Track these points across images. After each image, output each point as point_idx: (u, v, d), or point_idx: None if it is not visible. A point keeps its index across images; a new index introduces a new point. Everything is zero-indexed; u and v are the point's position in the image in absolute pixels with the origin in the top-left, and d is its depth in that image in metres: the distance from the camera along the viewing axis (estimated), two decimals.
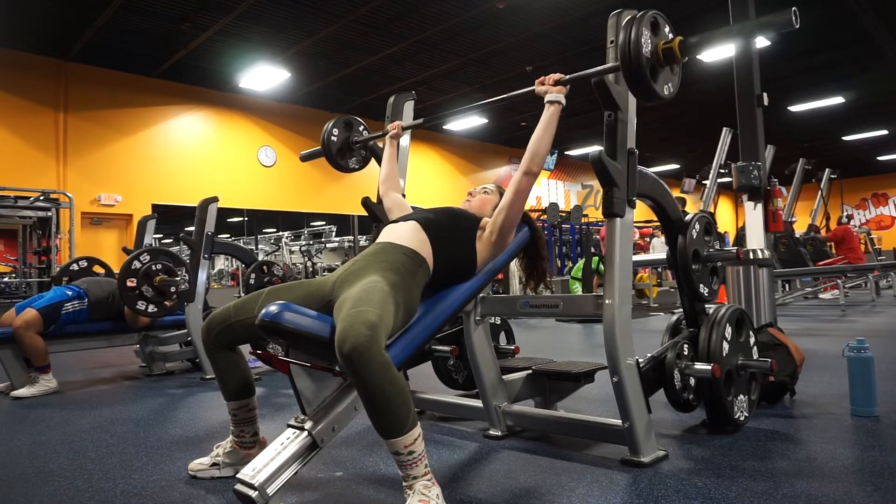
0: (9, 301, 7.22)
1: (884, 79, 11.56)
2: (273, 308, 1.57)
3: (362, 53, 9.87)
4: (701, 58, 10.44)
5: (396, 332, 1.73)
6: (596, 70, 1.89)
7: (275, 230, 12.57)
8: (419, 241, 1.92)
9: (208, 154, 11.26)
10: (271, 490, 1.49)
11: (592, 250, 9.37)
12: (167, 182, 10.57)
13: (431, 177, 14.34)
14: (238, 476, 1.53)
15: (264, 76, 10.49)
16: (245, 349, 1.93)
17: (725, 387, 2.20)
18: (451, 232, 2.00)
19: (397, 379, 1.48)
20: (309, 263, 10.72)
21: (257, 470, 1.50)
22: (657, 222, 5.79)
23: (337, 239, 11.74)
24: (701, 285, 2.32)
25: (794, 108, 13.27)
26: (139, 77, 10.36)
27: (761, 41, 9.17)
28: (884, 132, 15.86)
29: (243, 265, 5.29)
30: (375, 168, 2.78)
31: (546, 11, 8.52)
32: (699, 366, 2.16)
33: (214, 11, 8.22)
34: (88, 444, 2.40)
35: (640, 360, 2.00)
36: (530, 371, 2.47)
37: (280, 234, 12.28)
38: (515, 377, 2.42)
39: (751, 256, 2.63)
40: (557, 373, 2.43)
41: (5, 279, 8.99)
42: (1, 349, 3.54)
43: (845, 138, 16.44)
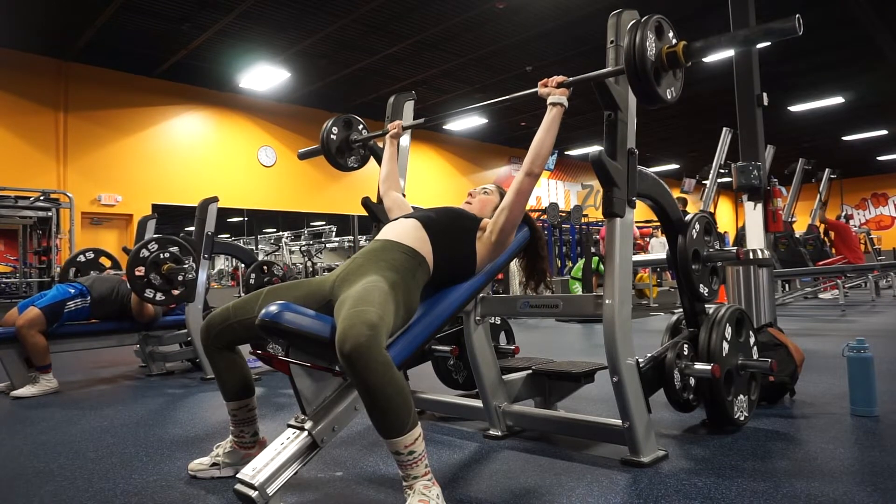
0: (9, 301, 7.23)
1: (884, 79, 11.56)
2: (273, 308, 1.57)
3: (362, 53, 9.87)
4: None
5: (396, 332, 1.73)
6: (600, 73, 1.89)
7: (275, 230, 12.57)
8: (419, 240, 1.91)
9: (208, 154, 11.26)
10: (271, 490, 1.49)
11: (592, 250, 9.37)
12: (167, 182, 10.57)
13: (431, 177, 14.34)
14: (238, 476, 1.53)
15: (264, 76, 10.49)
16: (245, 349, 1.92)
17: (725, 387, 2.20)
18: (452, 231, 1.99)
19: (398, 379, 1.49)
20: (309, 263, 10.71)
21: (257, 470, 1.50)
22: (657, 222, 5.79)
23: (337, 239, 11.73)
24: (701, 285, 2.32)
25: (794, 108, 13.27)
26: (139, 77, 10.36)
27: (762, 41, 9.17)
28: (884, 132, 15.86)
29: (243, 265, 5.29)
30: (376, 168, 2.78)
31: (546, 11, 8.52)
32: (699, 366, 2.16)
33: (214, 11, 8.22)
34: (88, 444, 2.40)
35: (640, 360, 2.01)
36: (530, 371, 2.47)
37: (280, 234, 12.28)
38: (515, 377, 2.43)
39: (751, 256, 2.63)
40: (557, 373, 2.43)
41: (6, 279, 8.99)
42: (2, 349, 3.54)
43: (845, 138, 16.44)
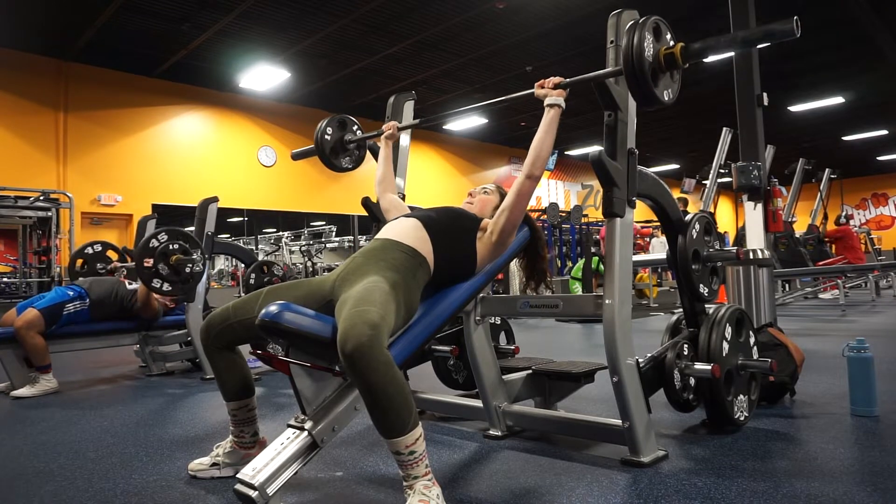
0: (9, 301, 7.23)
1: (884, 79, 11.56)
2: (273, 308, 1.57)
3: (362, 53, 9.87)
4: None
5: (397, 332, 1.73)
6: (598, 74, 1.89)
7: (275, 230, 12.56)
8: (420, 239, 1.91)
9: (208, 154, 11.25)
10: (271, 490, 1.49)
11: (592, 250, 9.36)
12: (167, 182, 10.57)
13: (431, 177, 14.34)
14: (238, 476, 1.53)
15: (264, 76, 10.49)
16: (245, 349, 1.92)
17: (725, 387, 2.20)
18: (452, 231, 1.99)
19: (399, 378, 1.49)
20: (309, 263, 10.71)
21: (257, 470, 1.50)
22: (657, 222, 5.79)
23: (337, 239, 11.72)
24: (701, 285, 2.32)
25: (794, 108, 13.27)
26: (139, 77, 10.36)
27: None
28: (884, 132, 15.86)
29: (243, 265, 5.29)
30: (376, 167, 2.78)
31: (546, 11, 8.52)
32: (699, 366, 2.16)
33: (214, 11, 8.22)
34: (88, 444, 2.40)
35: (640, 360, 2.01)
36: (530, 371, 2.47)
37: (280, 234, 12.27)
38: (515, 377, 2.43)
39: (751, 256, 2.63)
40: (557, 373, 2.43)
41: (5, 279, 8.99)
42: (2, 349, 3.54)
43: (845, 138, 16.44)
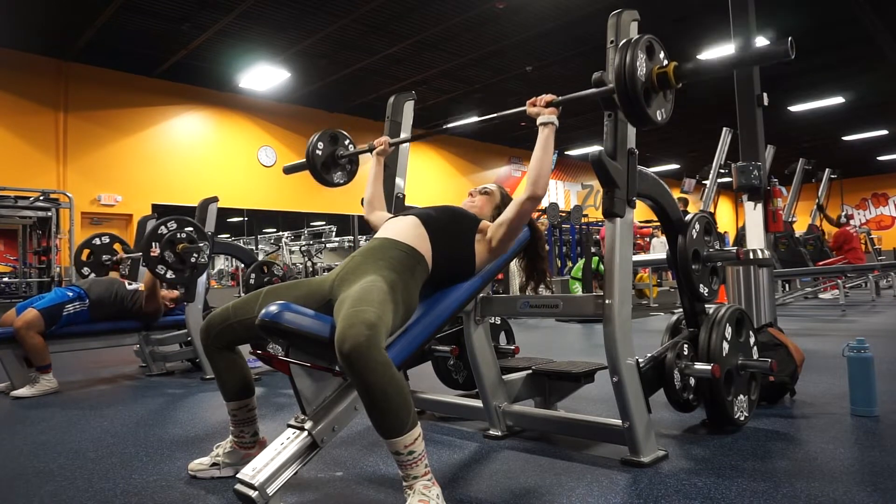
0: (9, 301, 7.23)
1: (884, 79, 11.57)
2: (273, 308, 1.57)
3: (362, 53, 9.87)
4: (701, 58, 10.47)
5: (396, 331, 1.73)
6: (590, 93, 1.88)
7: (275, 230, 12.55)
8: (418, 237, 1.91)
9: (208, 154, 11.25)
10: (271, 490, 1.49)
11: (592, 250, 9.36)
12: (167, 182, 10.57)
13: (431, 177, 14.34)
14: (238, 476, 1.53)
15: (264, 76, 10.49)
16: (245, 349, 1.92)
17: (725, 387, 2.20)
18: (451, 230, 1.99)
19: (397, 379, 1.49)
20: (309, 263, 10.71)
21: (257, 470, 1.50)
22: (657, 222, 5.79)
23: (337, 239, 11.70)
24: (701, 285, 2.32)
25: (794, 108, 13.27)
26: (139, 77, 10.37)
27: (761, 41, 9.18)
28: (884, 132, 15.87)
29: (243, 265, 5.29)
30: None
31: (546, 11, 8.52)
32: (699, 366, 2.16)
33: (214, 11, 8.22)
34: (88, 444, 2.40)
35: (640, 360, 2.00)
36: (530, 371, 2.47)
37: (280, 234, 12.26)
38: (515, 377, 2.42)
39: (751, 256, 2.63)
40: (557, 373, 2.43)
41: (5, 279, 8.99)
42: (1, 349, 3.54)
43: (845, 138, 16.44)
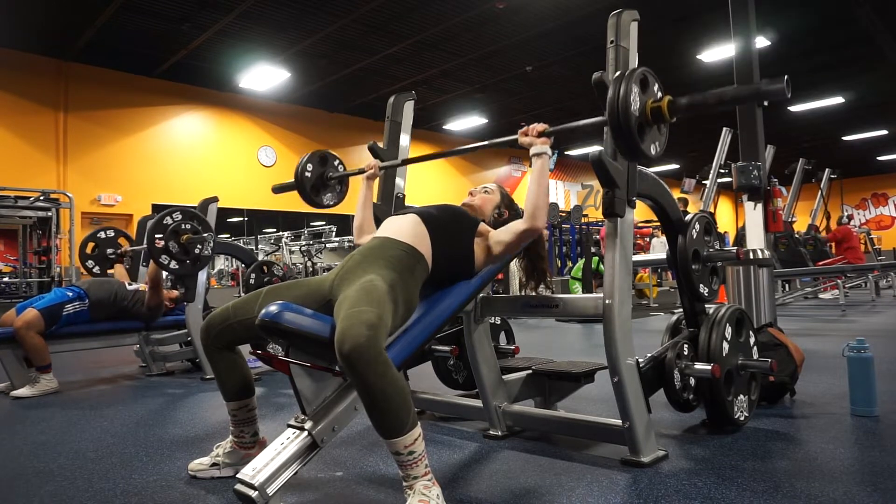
0: (9, 301, 7.23)
1: (884, 79, 11.57)
2: (273, 308, 1.57)
3: (362, 53, 9.87)
4: (701, 58, 10.46)
5: (396, 330, 1.73)
6: (583, 123, 1.87)
7: (275, 230, 12.55)
8: (418, 236, 1.91)
9: (208, 154, 11.25)
10: (271, 490, 1.49)
11: (592, 250, 9.36)
12: (167, 182, 10.57)
13: (431, 177, 14.33)
14: (238, 476, 1.53)
15: (264, 76, 10.49)
16: (245, 349, 1.92)
17: (725, 387, 2.20)
18: (452, 229, 1.99)
19: (397, 379, 1.49)
20: (309, 263, 10.70)
21: (257, 470, 1.50)
22: (657, 222, 5.79)
23: (337, 239, 11.70)
24: (701, 285, 2.32)
25: (794, 108, 13.28)
26: (139, 77, 10.37)
27: (761, 41, 9.18)
28: (884, 132, 15.88)
29: (243, 265, 5.29)
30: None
31: (546, 11, 8.52)
32: (699, 366, 2.16)
33: (214, 11, 8.22)
34: (88, 444, 2.40)
35: (640, 360, 2.00)
36: (530, 371, 2.47)
37: (280, 234, 12.26)
38: (515, 377, 2.42)
39: (751, 256, 2.63)
40: (557, 373, 2.43)
41: (6, 279, 8.99)
42: (1, 349, 3.54)
43: (845, 138, 16.45)
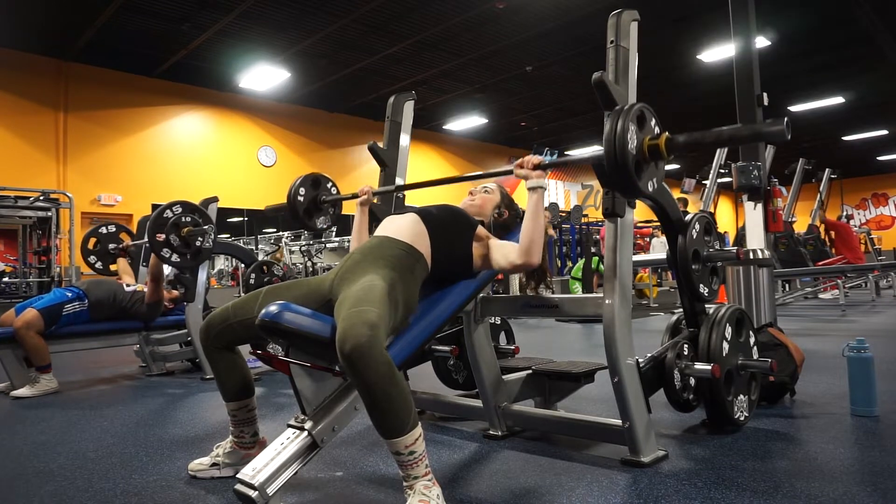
0: (9, 301, 7.23)
1: (884, 79, 11.58)
2: (273, 308, 1.57)
3: (362, 53, 9.87)
4: (701, 58, 10.45)
5: (397, 330, 1.73)
6: (581, 159, 1.87)
7: (275, 230, 12.55)
8: (418, 234, 1.91)
9: (208, 154, 11.25)
10: (271, 490, 1.49)
11: (592, 250, 9.36)
12: (167, 182, 10.57)
13: (431, 176, 14.24)
14: (238, 476, 1.53)
15: (264, 76, 10.49)
16: (245, 349, 1.92)
17: (725, 387, 2.20)
18: (451, 228, 1.99)
19: (398, 379, 1.49)
20: (309, 263, 10.71)
21: (257, 470, 1.50)
22: (657, 222, 5.79)
23: (337, 239, 11.70)
24: (701, 285, 2.32)
25: (794, 108, 13.27)
26: (139, 77, 10.37)
27: (761, 41, 9.17)
28: (884, 132, 15.88)
29: (243, 265, 5.29)
30: (378, 167, 2.80)
31: (546, 11, 8.52)
32: (699, 366, 2.16)
33: (214, 11, 8.22)
34: (88, 444, 2.40)
35: (640, 360, 2.01)
36: (530, 371, 2.47)
37: (280, 234, 12.27)
38: (515, 377, 2.42)
39: (751, 256, 2.63)
40: (557, 373, 2.43)
41: (6, 279, 8.99)
42: (1, 349, 3.54)
43: (845, 138, 16.45)
